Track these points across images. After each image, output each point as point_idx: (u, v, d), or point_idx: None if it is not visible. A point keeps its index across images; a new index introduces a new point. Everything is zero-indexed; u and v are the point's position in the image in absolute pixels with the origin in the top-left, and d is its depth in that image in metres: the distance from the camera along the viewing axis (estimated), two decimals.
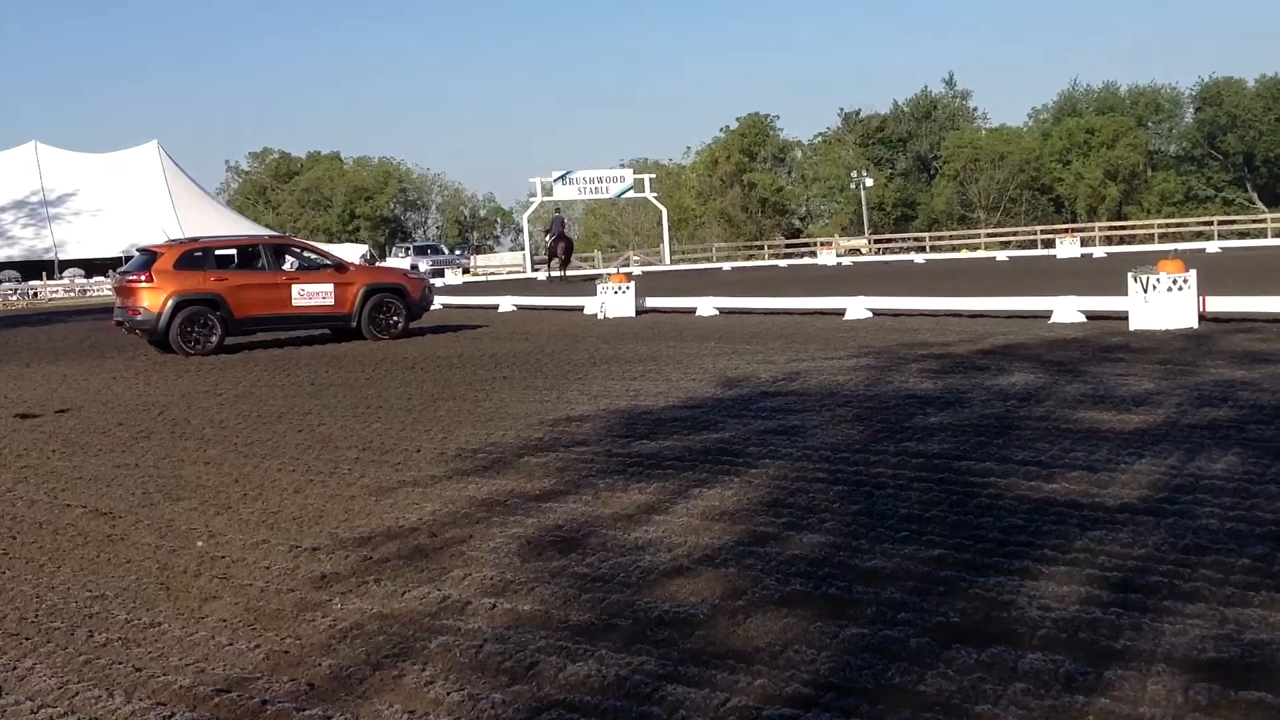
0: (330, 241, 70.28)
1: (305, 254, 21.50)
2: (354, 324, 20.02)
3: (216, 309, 18.84)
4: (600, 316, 23.53)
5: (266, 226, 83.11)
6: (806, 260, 60.00)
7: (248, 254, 20.51)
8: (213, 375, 15.62)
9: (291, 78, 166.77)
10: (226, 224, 72.64)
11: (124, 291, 19.36)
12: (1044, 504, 6.19)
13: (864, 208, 77.18)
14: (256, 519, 6.99)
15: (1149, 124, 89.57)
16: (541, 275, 46.84)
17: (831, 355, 13.84)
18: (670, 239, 67.92)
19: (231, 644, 4.76)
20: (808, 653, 4.26)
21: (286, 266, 20.67)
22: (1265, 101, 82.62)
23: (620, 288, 23.88)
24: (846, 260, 56.30)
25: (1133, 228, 67.59)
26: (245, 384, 14.38)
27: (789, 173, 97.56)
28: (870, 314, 19.54)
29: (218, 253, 20.22)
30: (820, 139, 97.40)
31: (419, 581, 5.45)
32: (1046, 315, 16.88)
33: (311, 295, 19.70)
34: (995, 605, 4.66)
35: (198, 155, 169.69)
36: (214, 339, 18.74)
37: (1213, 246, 45.47)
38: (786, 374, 12.24)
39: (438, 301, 27.81)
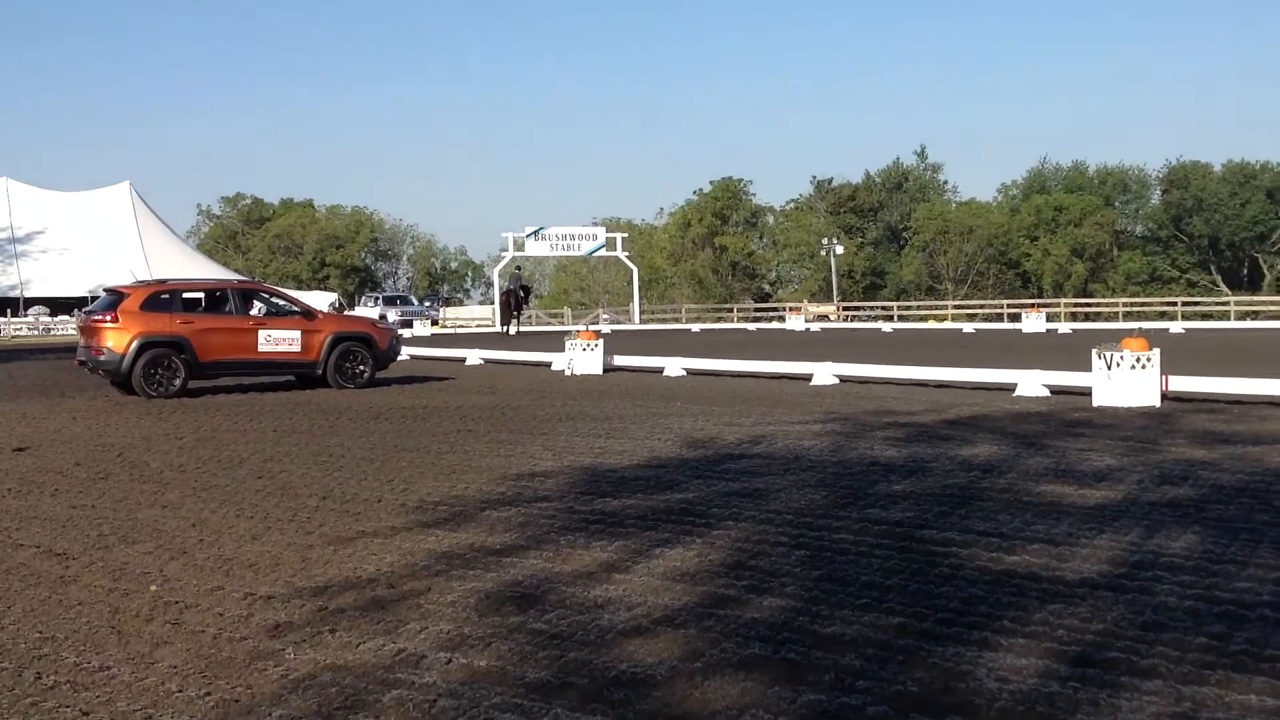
0: (299, 289, 70.01)
1: (273, 300, 21.41)
2: (320, 372, 19.93)
3: (181, 352, 18.71)
4: (568, 373, 23.52)
5: (236, 271, 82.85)
6: (775, 325, 60.29)
7: (215, 298, 20.43)
8: (174, 418, 15.49)
9: (268, 124, 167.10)
10: (196, 267, 72.40)
11: (89, 331, 19.21)
12: (1004, 576, 6.20)
13: (834, 275, 77.74)
14: (212, 565, 6.90)
15: (1116, 204, 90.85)
16: (510, 330, 47.51)
17: (797, 420, 13.87)
18: (640, 298, 68.12)
19: (181, 691, 4.68)
20: (765, 718, 4.23)
21: (254, 312, 20.59)
22: (1231, 186, 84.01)
23: (589, 345, 23.90)
24: (815, 326, 56.61)
25: (1098, 305, 68.34)
26: (207, 428, 14.26)
27: (760, 237, 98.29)
28: (837, 380, 19.61)
29: (185, 295, 20.11)
30: (792, 205, 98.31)
31: (375, 633, 5.39)
32: (1011, 388, 16.99)
33: (278, 341, 19.62)
34: (953, 675, 4.65)
35: (169, 198, 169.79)
36: (177, 382, 18.60)
37: (1176, 327, 45.98)
38: (752, 437, 12.25)
39: (405, 352, 27.74)
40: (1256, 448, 10.85)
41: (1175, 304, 61.10)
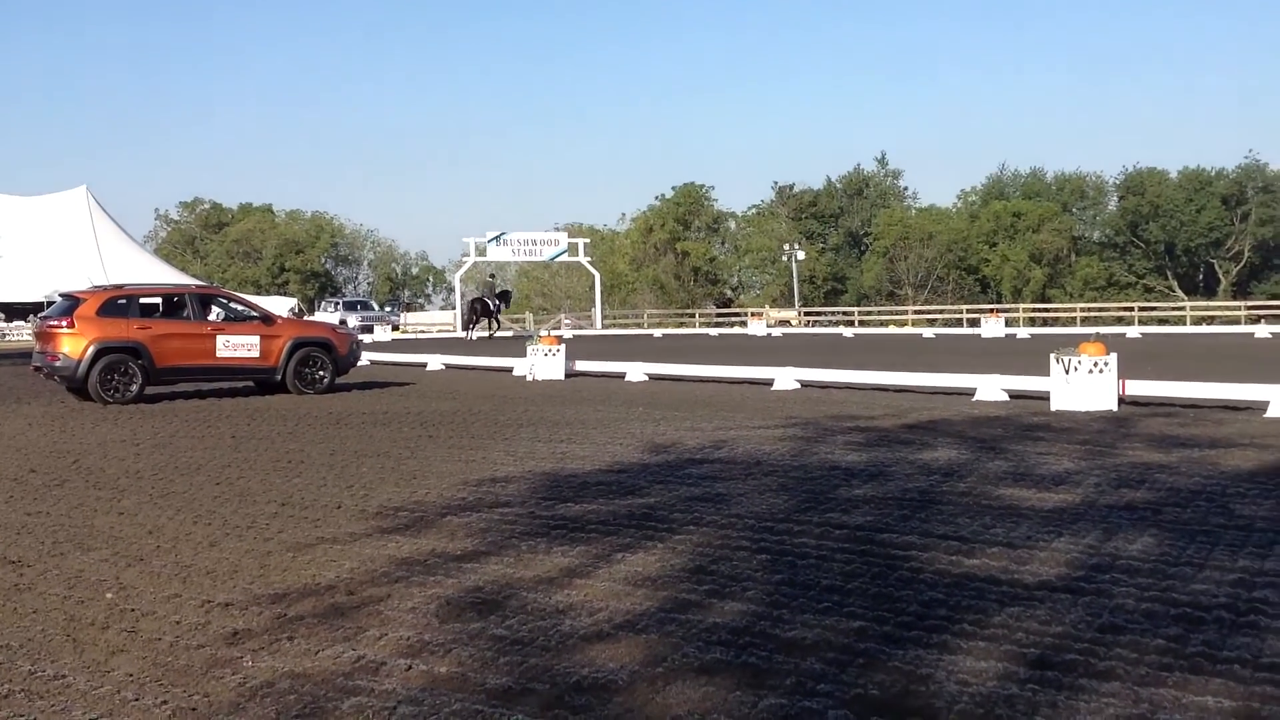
0: (258, 294, 69.57)
1: (232, 305, 21.28)
2: (279, 377, 19.80)
3: (138, 357, 18.56)
4: (529, 378, 23.47)
5: (194, 277, 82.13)
6: (737, 330, 60.44)
7: (173, 303, 20.29)
8: (131, 424, 15.35)
9: (227, 128, 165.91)
10: (154, 272, 71.65)
11: (44, 337, 19.02)
12: (964, 579, 6.23)
13: (795, 280, 77.99)
14: (169, 572, 6.84)
15: (1074, 210, 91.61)
16: (483, 335, 48.91)
17: (759, 424, 13.90)
18: (602, 303, 68.13)
19: (138, 699, 4.63)
20: None
21: (212, 317, 20.47)
22: (1187, 192, 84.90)
23: (550, 350, 23.87)
24: (776, 331, 56.79)
25: (1056, 310, 68.87)
26: (164, 434, 14.14)
27: (722, 243, 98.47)
28: (799, 385, 19.68)
29: (142, 301, 19.94)
30: (754, 211, 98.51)
31: (334, 640, 5.36)
32: (971, 393, 17.10)
33: (236, 347, 19.49)
34: (914, 679, 4.66)
35: (127, 202, 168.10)
36: (134, 388, 18.44)
37: (1133, 332, 46.43)
38: (714, 442, 12.27)
39: (366, 358, 27.63)
40: (1212, 451, 10.97)
41: (1132, 309, 61.72)
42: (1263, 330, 45.05)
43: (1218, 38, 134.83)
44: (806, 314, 72.33)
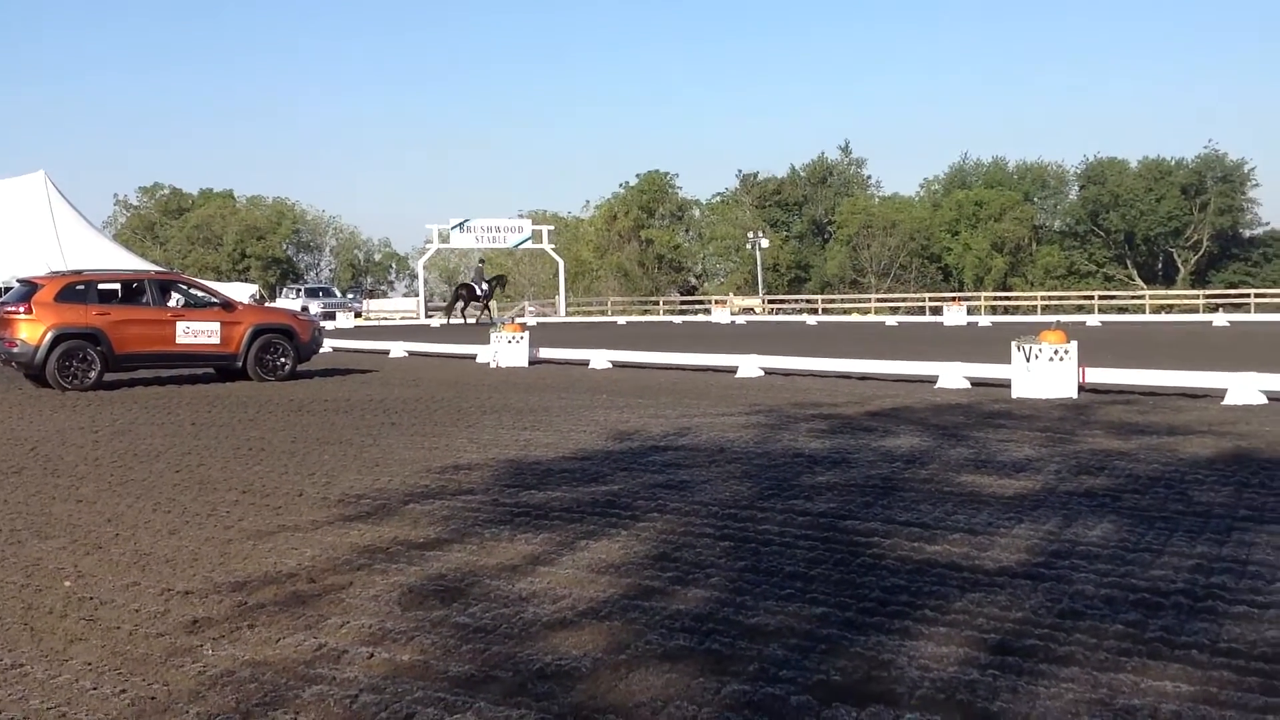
0: (219, 280, 68.99)
1: (192, 291, 21.09)
2: (240, 364, 19.67)
3: (97, 344, 18.38)
4: (493, 365, 23.41)
5: (154, 263, 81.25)
6: (701, 318, 60.50)
7: (132, 289, 20.12)
8: (90, 411, 15.20)
9: (186, 112, 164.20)
10: (113, 258, 70.87)
11: (1, 323, 18.78)
12: (926, 565, 6.27)
13: (759, 268, 78.13)
14: (128, 560, 6.78)
15: (1035, 199, 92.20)
16: (450, 320, 49.53)
17: (723, 412, 13.92)
18: (566, 291, 68.07)
19: (96, 688, 4.59)
20: (689, 709, 4.24)
21: (172, 303, 20.29)
22: (1146, 182, 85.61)
23: (514, 337, 23.80)
24: (740, 319, 56.89)
25: (1017, 298, 69.37)
26: (123, 421, 14.01)
27: (686, 231, 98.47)
28: (762, 372, 19.72)
29: (101, 287, 19.76)
30: (718, 199, 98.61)
31: (295, 628, 5.32)
32: (933, 380, 17.18)
33: (197, 333, 19.33)
34: (876, 664, 4.68)
35: (86, 187, 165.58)
36: (93, 374, 18.27)
37: (1093, 320, 46.80)
38: (677, 429, 12.28)
39: (328, 345, 27.47)
40: (1170, 438, 11.07)
41: (1092, 297, 62.22)
42: (1220, 319, 45.52)
43: (1177, 29, 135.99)
44: (770, 302, 72.49)
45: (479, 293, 49.89)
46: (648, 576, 6.13)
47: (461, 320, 49.04)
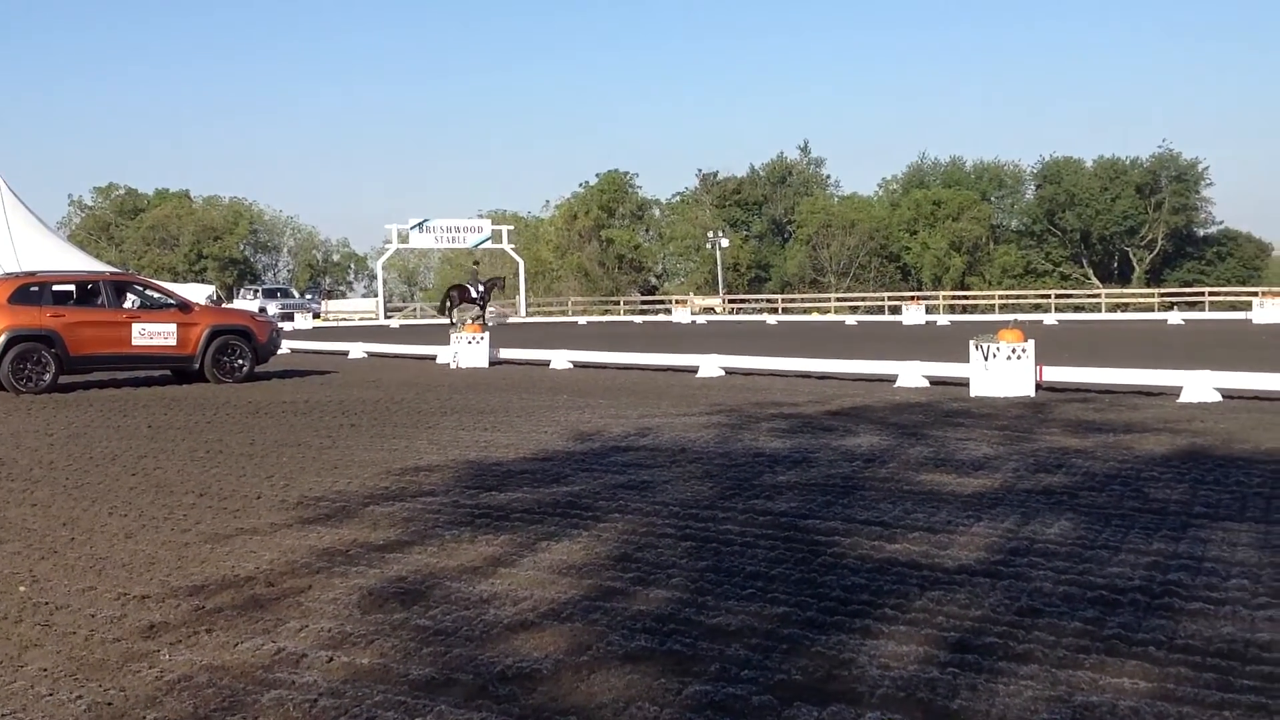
0: (175, 281, 68.36)
1: (148, 292, 20.91)
2: (197, 366, 19.49)
3: (51, 346, 18.16)
4: (453, 366, 23.34)
5: (109, 263, 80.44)
6: (662, 317, 60.54)
7: (87, 290, 19.90)
8: (44, 415, 15.02)
9: (141, 112, 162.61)
10: (67, 259, 70.13)
11: None
12: (886, 564, 6.29)
13: (719, 268, 78.22)
14: (84, 565, 6.70)
15: (992, 199, 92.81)
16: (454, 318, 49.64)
17: (684, 412, 13.93)
18: (526, 291, 67.90)
19: (52, 694, 4.54)
20: (651, 709, 4.23)
21: (128, 304, 20.10)
22: (1102, 181, 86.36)
23: (474, 338, 23.74)
24: (701, 319, 57.00)
25: (975, 297, 69.79)
26: (78, 424, 13.86)
27: (646, 230, 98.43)
28: (723, 372, 19.76)
29: (55, 288, 19.54)
30: (678, 199, 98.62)
31: (253, 633, 5.28)
32: (892, 379, 17.27)
33: (153, 335, 19.14)
34: (837, 663, 4.70)
35: (39, 188, 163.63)
36: (48, 377, 18.05)
37: (1050, 318, 47.23)
38: (638, 429, 12.27)
39: (286, 346, 27.28)
40: (1127, 436, 11.18)
41: (1049, 296, 62.75)
42: (1175, 317, 46.02)
43: (1132, 29, 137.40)
44: (730, 301, 72.61)
45: (473, 294, 50.07)
46: (609, 577, 6.12)
47: (454, 320, 49.04)
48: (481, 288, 50.51)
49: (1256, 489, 8.32)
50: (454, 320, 48.55)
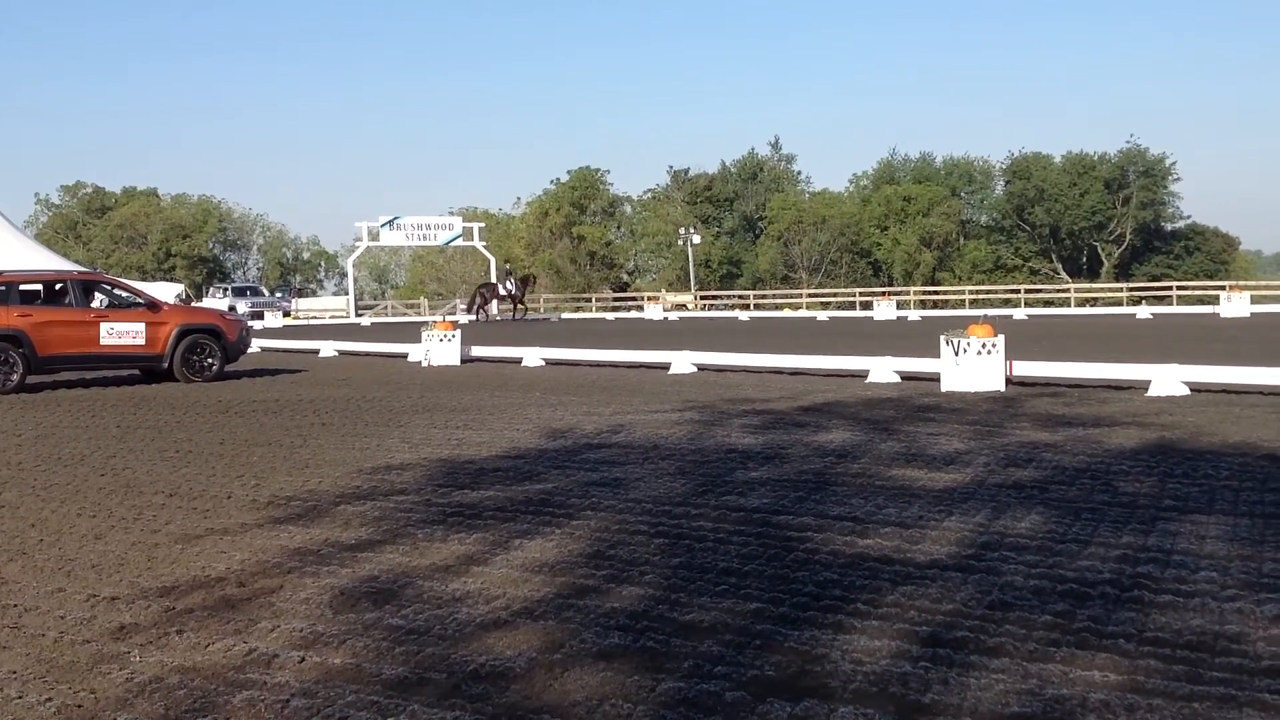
0: (144, 280, 67.89)
1: (116, 291, 20.77)
2: (166, 365, 19.37)
3: (19, 346, 18.01)
4: (424, 364, 23.27)
5: (77, 262, 79.81)
6: (634, 314, 60.52)
7: (54, 290, 19.73)
8: (12, 415, 14.89)
9: (109, 110, 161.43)
10: (34, 258, 69.60)
11: None
12: (858, 559, 6.31)
13: (691, 264, 78.31)
14: (53, 566, 6.65)
15: (962, 194, 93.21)
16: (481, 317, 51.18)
17: (656, 408, 13.93)
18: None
19: (21, 697, 4.50)
20: (624, 707, 4.23)
21: (96, 304, 19.96)
22: (1070, 177, 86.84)
23: (446, 335, 23.67)
24: (673, 315, 57.02)
25: (945, 293, 70.09)
26: (46, 425, 13.75)
27: (618, 227, 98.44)
28: (695, 369, 19.78)
29: (22, 288, 19.37)
30: (650, 195, 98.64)
31: (224, 633, 5.25)
32: (864, 375, 17.33)
33: (121, 334, 19.00)
34: (809, 659, 4.71)
35: (5, 186, 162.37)
36: (15, 377, 17.90)
37: (1019, 313, 47.44)
38: (611, 426, 12.27)
39: (256, 344, 27.14)
40: (1096, 430, 11.25)
41: (1018, 291, 63.08)
42: (1144, 311, 46.35)
43: (1099, 26, 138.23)
44: (703, 298, 72.70)
45: (503, 292, 51.61)
46: (582, 575, 6.12)
47: (484, 318, 50.58)
48: (511, 285, 51.88)
49: (1224, 482, 8.39)
50: (480, 319, 49.78)
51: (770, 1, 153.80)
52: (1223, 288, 50.38)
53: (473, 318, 50.30)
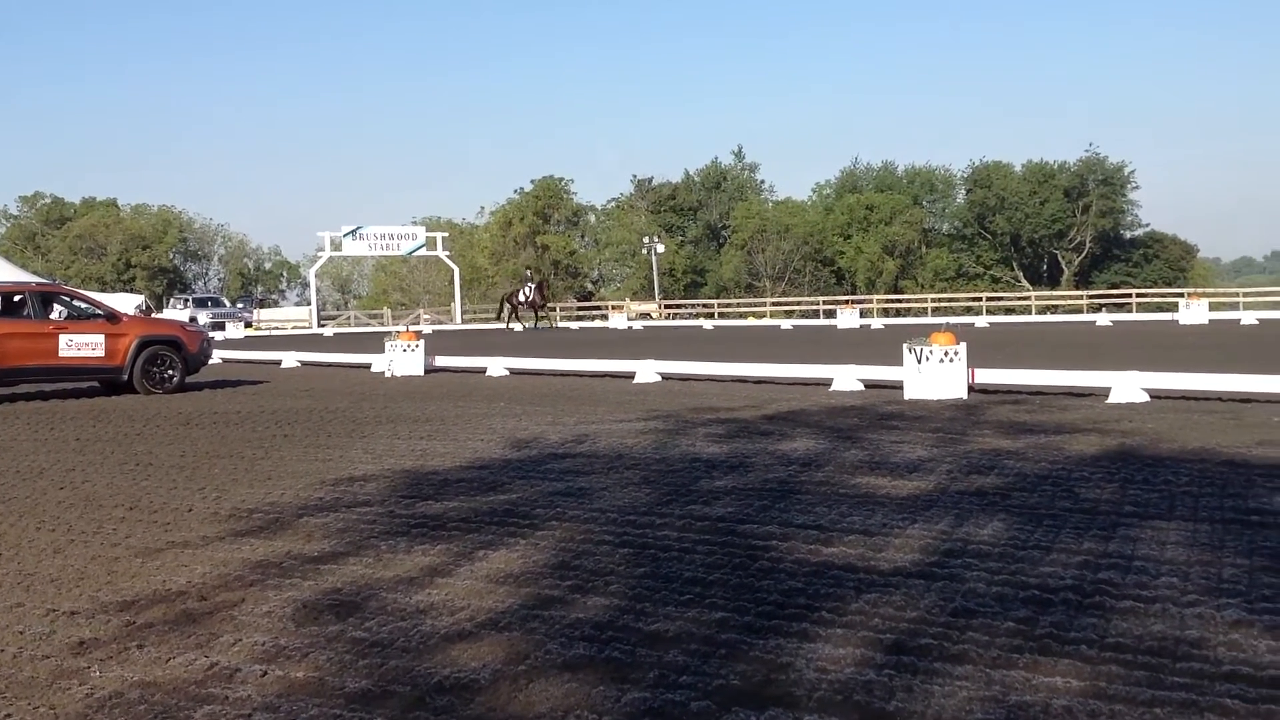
0: (104, 291, 67.32)
1: (75, 303, 20.57)
2: (126, 377, 19.19)
3: None
4: (388, 374, 23.17)
5: (35, 274, 79.01)
6: (598, 323, 60.50)
7: (12, 301, 19.50)
8: None
9: (68, 120, 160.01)
10: None
11: None
12: (823, 567, 6.33)
13: (655, 273, 78.39)
14: (11, 581, 6.57)
15: (924, 203, 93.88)
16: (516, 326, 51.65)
17: (621, 418, 13.93)
18: (462, 298, 67.60)
19: None
20: (590, 718, 4.22)
21: (54, 315, 19.74)
22: (1031, 185, 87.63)
23: (409, 345, 23.59)
24: (637, 324, 57.02)
25: (908, 301, 70.52)
26: (4, 438, 13.59)
27: (582, 236, 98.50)
28: (660, 378, 19.78)
29: None
30: (613, 204, 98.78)
31: (185, 647, 5.20)
32: (827, 383, 17.38)
33: (81, 346, 18.83)
34: (774, 668, 4.71)
35: None
36: None
37: (981, 321, 47.80)
38: (576, 436, 12.25)
39: (217, 355, 26.96)
40: (1058, 436, 11.33)
41: (980, 299, 63.49)
42: (1104, 318, 46.74)
43: (1059, 35, 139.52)
44: (667, 307, 72.77)
45: (521, 298, 51.95)
46: (547, 585, 6.10)
47: (521, 326, 51.15)
48: (532, 289, 52.00)
49: (1184, 488, 8.46)
50: (514, 328, 50.39)
51: (734, 11, 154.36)
52: (1181, 295, 50.95)
53: (504, 326, 51.15)
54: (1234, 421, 12.20)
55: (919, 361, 15.58)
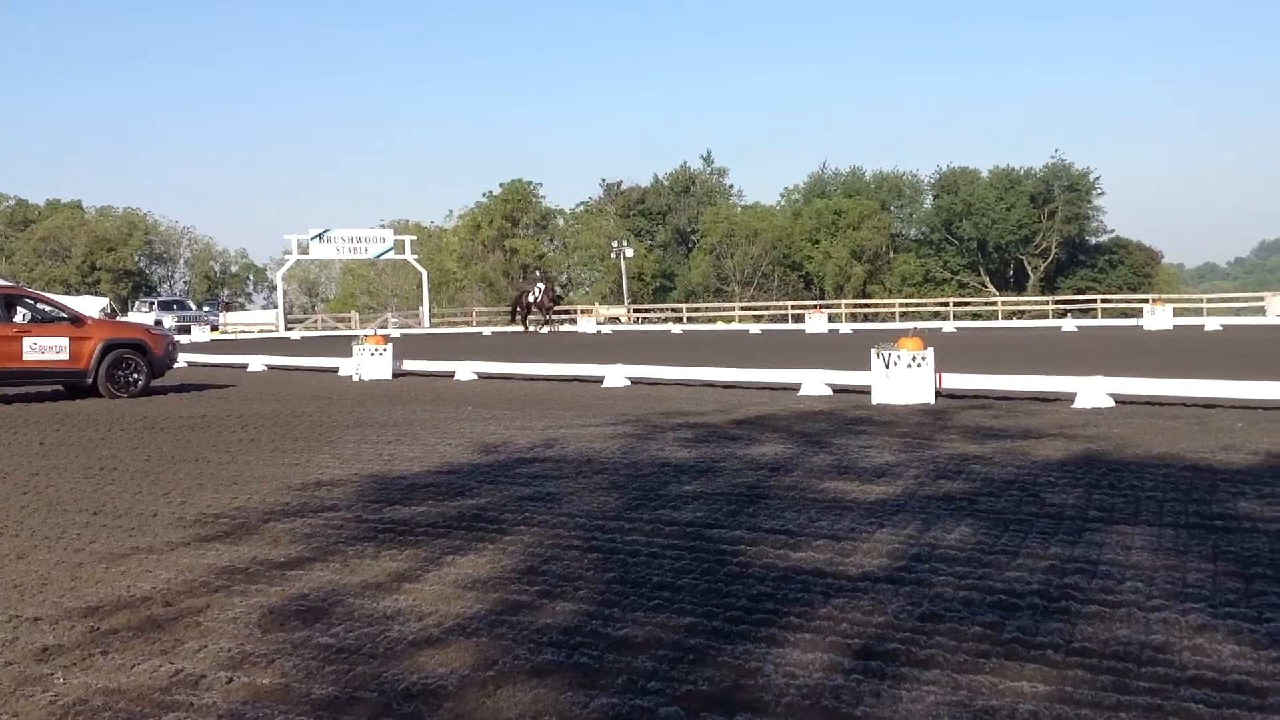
0: (68, 294, 66.76)
1: (39, 306, 20.37)
2: (90, 380, 19.04)
3: None
4: (355, 378, 23.07)
5: None
6: (567, 327, 60.45)
7: None
8: None
9: (31, 120, 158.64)
10: None
11: None
12: (791, 572, 6.33)
13: (624, 277, 78.37)
14: None
15: (892, 208, 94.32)
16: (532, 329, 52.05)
17: (589, 422, 13.91)
18: (430, 302, 67.41)
19: None
20: None
21: (17, 318, 19.56)
22: (998, 191, 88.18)
23: (377, 349, 23.50)
24: (606, 328, 57.02)
25: (876, 306, 70.84)
26: None
27: (551, 240, 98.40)
28: (628, 382, 19.78)
29: None
30: (582, 208, 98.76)
31: (150, 654, 5.16)
32: (796, 387, 17.43)
33: (44, 349, 18.66)
34: (743, 673, 4.71)
35: None
36: None
37: (949, 326, 48.00)
38: (544, 440, 12.23)
39: (183, 359, 26.77)
40: (1024, 441, 11.39)
41: (947, 304, 63.84)
42: (1069, 324, 47.05)
43: (1026, 42, 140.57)
44: (635, 311, 72.78)
45: (529, 300, 52.47)
46: (515, 591, 6.08)
47: (536, 330, 51.58)
48: (540, 290, 52.40)
49: (1149, 493, 8.53)
50: (531, 330, 51.01)
51: (701, 14, 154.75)
52: (1146, 301, 51.33)
53: (521, 329, 51.49)
54: (1198, 426, 12.30)
55: (887, 366, 15.64)
